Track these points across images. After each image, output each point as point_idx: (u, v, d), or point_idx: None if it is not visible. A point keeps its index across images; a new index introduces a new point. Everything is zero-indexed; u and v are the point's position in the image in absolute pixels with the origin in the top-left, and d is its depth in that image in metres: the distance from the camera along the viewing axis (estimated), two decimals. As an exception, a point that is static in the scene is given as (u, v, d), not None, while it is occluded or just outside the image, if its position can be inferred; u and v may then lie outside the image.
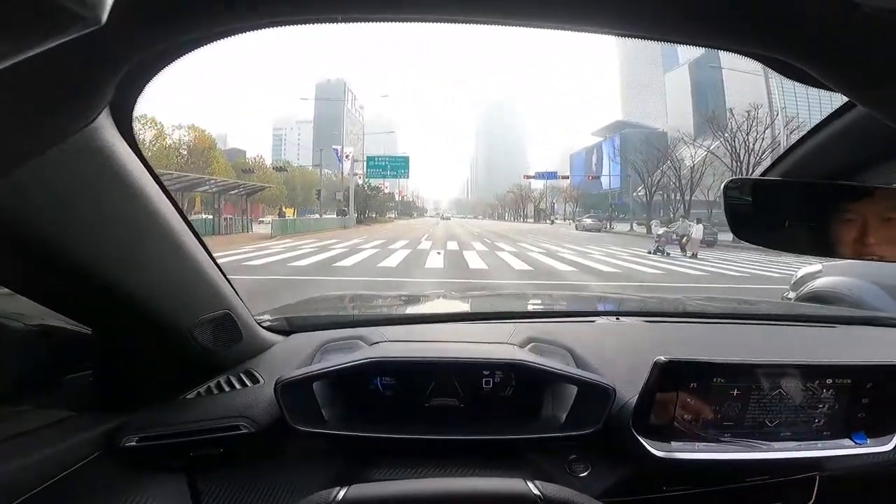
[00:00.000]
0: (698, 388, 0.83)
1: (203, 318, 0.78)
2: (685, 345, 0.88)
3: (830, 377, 0.85)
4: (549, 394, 0.92)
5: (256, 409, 0.80)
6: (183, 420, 0.77)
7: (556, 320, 1.28)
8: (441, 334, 1.09)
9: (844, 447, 0.85)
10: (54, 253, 0.53)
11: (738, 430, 0.84)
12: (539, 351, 0.96)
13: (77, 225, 0.53)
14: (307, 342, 1.00)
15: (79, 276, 0.58)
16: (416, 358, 0.91)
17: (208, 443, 0.75)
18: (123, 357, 0.78)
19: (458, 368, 0.92)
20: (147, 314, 0.68)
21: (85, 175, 0.50)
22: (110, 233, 0.58)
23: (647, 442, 0.81)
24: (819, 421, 0.86)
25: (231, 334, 0.85)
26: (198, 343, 0.78)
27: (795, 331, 1.26)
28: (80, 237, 0.55)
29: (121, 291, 0.63)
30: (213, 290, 0.79)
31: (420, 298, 1.81)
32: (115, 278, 0.61)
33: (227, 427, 0.77)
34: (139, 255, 0.63)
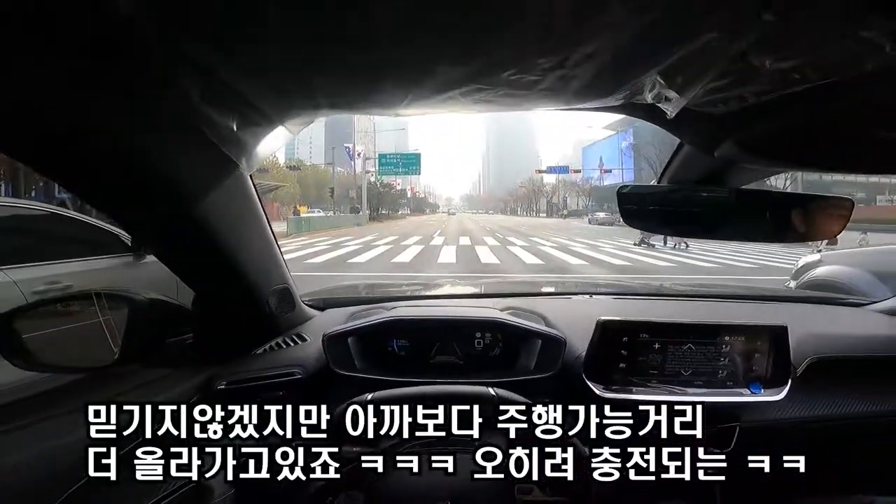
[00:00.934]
0: (629, 343, 1.05)
1: (274, 288, 1.04)
2: (636, 314, 1.09)
3: (727, 335, 1.05)
4: (524, 350, 1.15)
5: (307, 360, 1.05)
6: (255, 368, 1.01)
7: (539, 298, 1.55)
8: (444, 307, 1.36)
9: (743, 395, 1.05)
10: (207, 241, 0.80)
11: (661, 378, 1.05)
12: (516, 315, 1.19)
13: (223, 221, 0.80)
14: (340, 314, 1.27)
15: (211, 254, 0.84)
16: (425, 317, 1.18)
17: (272, 387, 0.99)
18: (212, 323, 1.01)
19: (454, 326, 1.18)
20: (245, 282, 0.95)
21: (232, 197, 0.78)
22: (235, 229, 0.85)
23: (594, 385, 1.03)
24: (722, 373, 1.06)
25: (288, 303, 1.11)
26: (269, 307, 1.03)
27: (739, 305, 1.50)
28: (222, 229, 0.81)
29: (235, 266, 0.90)
30: (279, 268, 1.05)
31: (428, 284, 2.12)
32: (233, 257, 0.87)
33: (286, 374, 1.01)
34: (247, 241, 0.90)
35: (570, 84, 0.50)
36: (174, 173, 0.67)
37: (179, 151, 0.66)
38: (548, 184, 79.84)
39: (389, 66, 0.50)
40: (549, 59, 0.46)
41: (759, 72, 0.47)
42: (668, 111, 0.53)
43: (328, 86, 0.54)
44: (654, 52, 0.46)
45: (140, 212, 0.73)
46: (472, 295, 1.67)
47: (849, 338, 1.28)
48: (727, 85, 0.50)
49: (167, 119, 0.59)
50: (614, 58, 0.46)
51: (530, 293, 1.70)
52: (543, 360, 1.10)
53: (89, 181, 0.64)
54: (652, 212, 0.85)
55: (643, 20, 0.41)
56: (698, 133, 0.71)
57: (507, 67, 0.48)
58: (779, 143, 0.65)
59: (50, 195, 10.43)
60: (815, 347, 1.17)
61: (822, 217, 0.82)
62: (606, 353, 1.05)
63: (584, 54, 0.45)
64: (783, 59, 0.45)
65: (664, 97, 0.51)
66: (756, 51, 0.45)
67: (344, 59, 0.49)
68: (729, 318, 1.10)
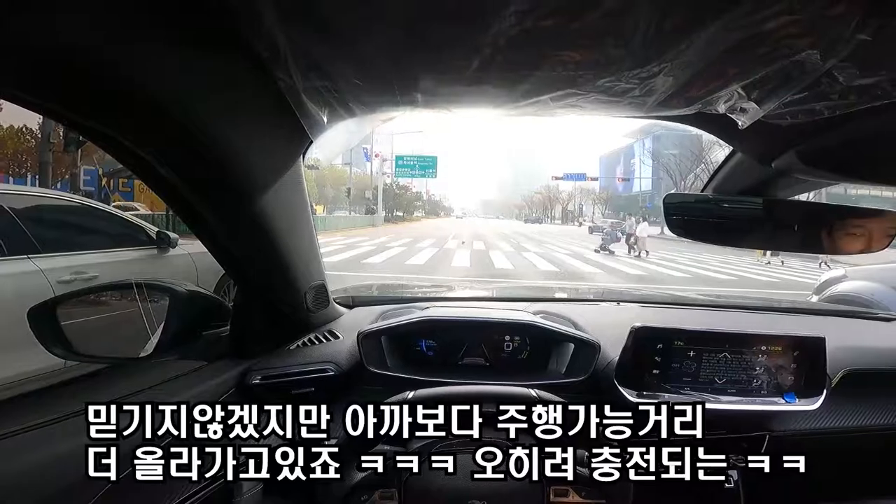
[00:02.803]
0: (664, 350, 1.04)
1: (312, 284, 1.05)
2: (666, 322, 1.08)
3: (764, 345, 1.04)
4: (555, 353, 1.15)
5: (339, 357, 1.05)
6: (288, 364, 1.01)
7: (566, 303, 1.54)
8: (474, 309, 1.35)
9: (777, 404, 1.04)
10: (262, 231, 0.82)
11: (695, 385, 1.04)
12: (548, 319, 1.18)
13: (281, 212, 0.82)
14: (370, 312, 1.27)
15: (263, 244, 0.85)
16: (458, 318, 1.18)
17: (304, 383, 0.99)
18: (250, 316, 1.02)
19: (485, 327, 1.17)
20: (288, 273, 0.96)
21: (288, 178, 0.79)
22: (287, 215, 0.86)
23: (625, 390, 1.02)
24: (757, 381, 1.05)
25: (323, 300, 1.12)
26: (306, 303, 1.05)
27: (766, 316, 1.49)
28: (278, 220, 0.83)
29: (282, 259, 0.91)
30: (318, 265, 1.06)
31: (453, 286, 2.12)
32: (282, 249, 0.88)
33: (319, 370, 1.01)
34: (296, 234, 0.91)
35: (656, 93, 0.51)
36: (251, 154, 0.68)
37: (262, 132, 0.67)
38: (563, 191, 79.41)
39: (496, 68, 0.50)
40: (646, 70, 0.47)
41: (841, 87, 0.47)
42: (741, 122, 0.53)
43: (430, 84, 0.55)
44: (744, 68, 0.47)
45: (205, 191, 0.73)
46: (500, 298, 1.69)
47: (881, 351, 1.27)
48: (804, 98, 0.50)
49: (261, 99, 0.61)
50: (704, 71, 0.47)
51: (558, 298, 1.71)
52: (575, 364, 1.09)
53: (164, 154, 0.64)
54: (698, 222, 0.84)
55: (739, 37, 0.42)
56: (759, 144, 0.71)
57: (604, 76, 0.49)
58: (841, 155, 0.65)
59: (76, 187, 10.65)
60: (848, 359, 1.17)
61: (869, 230, 0.82)
62: (640, 359, 1.04)
63: (677, 66, 0.46)
64: (867, 76, 0.45)
65: (739, 108, 0.51)
66: (843, 67, 0.45)
67: (453, 60, 0.50)
68: (759, 328, 1.09)
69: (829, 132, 0.59)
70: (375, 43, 0.48)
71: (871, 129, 0.57)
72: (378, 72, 0.54)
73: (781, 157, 0.69)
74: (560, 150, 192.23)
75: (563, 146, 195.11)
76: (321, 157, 0.83)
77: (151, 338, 0.95)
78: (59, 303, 0.98)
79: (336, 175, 53.43)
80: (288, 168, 0.77)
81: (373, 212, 37.44)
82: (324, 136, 0.72)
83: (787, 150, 0.67)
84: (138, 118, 0.56)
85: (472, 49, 0.46)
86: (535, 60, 0.48)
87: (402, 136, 49.66)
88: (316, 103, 0.59)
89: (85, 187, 10.82)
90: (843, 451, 1.18)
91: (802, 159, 0.66)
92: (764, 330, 1.09)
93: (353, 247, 13.96)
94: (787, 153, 0.67)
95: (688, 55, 0.44)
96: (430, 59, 0.50)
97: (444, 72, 0.52)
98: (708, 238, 0.85)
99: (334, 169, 52.92)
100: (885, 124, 0.55)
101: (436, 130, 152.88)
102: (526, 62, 0.49)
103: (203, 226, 0.84)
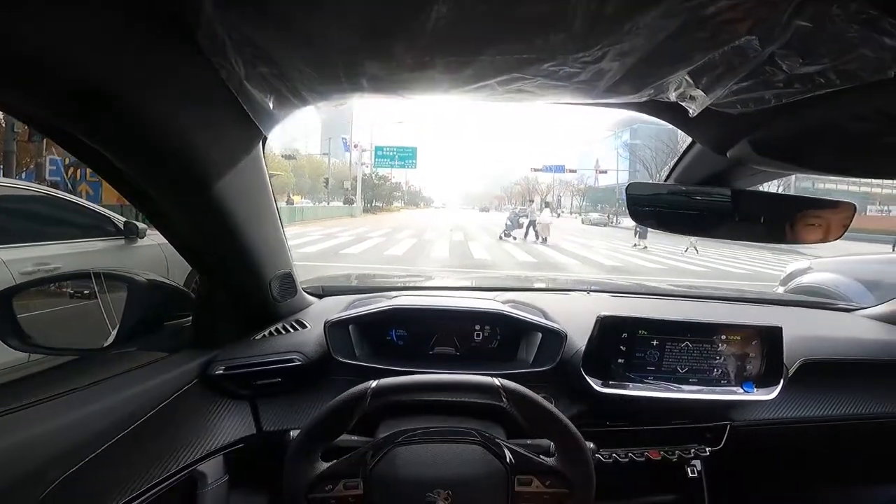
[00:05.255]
0: (628, 339, 1.06)
1: (277, 273, 1.03)
2: (634, 312, 1.10)
3: (723, 334, 1.07)
4: (524, 343, 1.16)
5: (306, 346, 1.04)
6: (253, 354, 1.00)
7: (537, 293, 1.56)
8: (443, 297, 1.35)
9: (736, 394, 1.07)
10: (221, 218, 0.80)
11: (658, 375, 1.07)
12: (517, 308, 1.19)
13: (239, 198, 0.80)
14: (339, 301, 1.26)
15: (223, 231, 0.83)
16: (426, 306, 1.17)
17: (270, 373, 0.98)
18: (213, 306, 1.00)
19: (454, 316, 1.17)
20: (251, 262, 0.94)
21: (246, 168, 0.78)
22: (247, 204, 0.84)
23: (592, 380, 1.04)
24: (718, 371, 1.08)
25: (289, 289, 1.10)
26: (270, 292, 1.03)
27: (733, 306, 1.52)
28: (237, 206, 0.81)
29: (243, 246, 0.89)
30: (284, 253, 1.04)
31: (429, 276, 2.12)
32: (240, 236, 0.86)
33: (285, 360, 1.00)
34: (257, 220, 0.89)
35: (603, 78, 0.52)
36: (202, 145, 0.66)
37: (211, 123, 0.66)
38: (542, 183, 79.93)
39: (438, 53, 0.50)
40: (590, 54, 0.48)
41: (784, 75, 0.48)
42: (691, 110, 0.55)
43: (375, 70, 0.54)
44: (686, 53, 0.48)
45: (160, 182, 0.72)
46: (471, 287, 1.68)
47: (839, 341, 1.30)
48: (751, 86, 0.51)
49: (205, 88, 0.59)
50: (649, 56, 0.48)
51: (529, 288, 1.72)
52: (543, 353, 1.10)
53: (113, 146, 0.63)
54: (658, 210, 0.86)
55: (679, 22, 0.42)
56: (713, 132, 0.73)
57: (549, 60, 0.49)
58: (792, 144, 0.67)
59: (41, 177, 10.28)
60: (806, 350, 1.20)
61: (825, 220, 0.84)
62: (605, 348, 1.06)
63: (621, 51, 0.47)
64: (809, 64, 0.47)
65: (689, 96, 0.52)
66: (784, 54, 0.46)
67: (395, 46, 0.49)
68: (724, 318, 1.12)
69: (779, 121, 0.61)
70: (317, 28, 0.48)
71: (819, 119, 0.59)
72: (322, 57, 0.53)
73: (735, 146, 0.70)
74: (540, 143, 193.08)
75: (543, 139, 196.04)
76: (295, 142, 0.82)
77: (111, 329, 0.93)
78: (13, 294, 0.95)
79: (314, 165, 52.72)
80: (243, 159, 0.76)
81: (351, 202, 37.11)
82: (282, 122, 0.71)
83: (741, 139, 0.68)
84: (87, 112, 0.55)
85: (414, 34, 0.46)
86: (477, 46, 0.49)
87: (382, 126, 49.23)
88: (262, 91, 0.58)
89: (51, 177, 10.44)
90: (799, 441, 1.22)
91: (755, 149, 0.68)
92: (723, 319, 1.11)
93: (331, 237, 13.84)
94: (741, 143, 0.69)
95: (630, 40, 0.45)
96: (372, 45, 0.50)
97: (387, 57, 0.51)
98: (668, 227, 0.86)
99: (312, 159, 52.14)
100: (830, 113, 0.56)
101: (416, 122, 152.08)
102: (467, 47, 0.49)
103: (161, 218, 0.83)
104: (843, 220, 0.83)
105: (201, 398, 0.94)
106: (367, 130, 45.63)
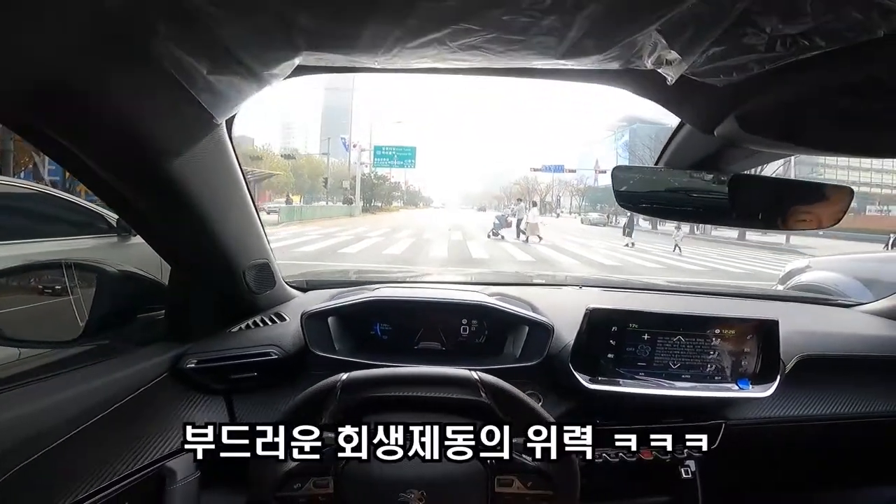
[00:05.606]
0: (618, 333, 1.02)
1: (252, 262, 0.99)
2: (625, 305, 1.06)
3: (718, 328, 1.03)
4: (511, 337, 1.12)
5: (284, 340, 1.01)
6: (228, 347, 0.97)
7: (527, 287, 1.52)
8: (428, 290, 1.31)
9: (731, 391, 1.03)
10: (180, 203, 0.76)
11: (650, 371, 1.03)
12: (504, 301, 1.16)
13: (197, 178, 0.76)
14: (322, 294, 1.22)
15: (185, 218, 0.80)
16: (408, 298, 1.14)
17: (246, 367, 0.95)
18: (186, 298, 0.97)
19: (436, 308, 1.14)
20: (221, 251, 0.90)
21: (209, 155, 0.74)
22: (213, 193, 0.81)
23: (580, 376, 1.00)
24: (711, 367, 1.04)
25: (268, 280, 1.07)
26: (245, 282, 0.99)
27: (729, 301, 1.49)
28: (197, 189, 0.77)
29: (210, 233, 0.85)
30: (259, 242, 1.00)
31: (416, 271, 2.08)
32: (208, 225, 0.83)
33: (261, 353, 0.97)
34: (223, 204, 0.85)
35: (565, 35, 0.48)
36: (142, 122, 0.63)
37: (161, 110, 0.62)
38: (542, 183, 79.81)
39: (374, 5, 0.47)
40: (544, 1, 0.44)
41: (765, 37, 0.45)
42: (669, 76, 0.51)
43: (309, 24, 0.50)
44: (654, 7, 0.44)
45: (121, 174, 0.69)
46: (458, 281, 1.65)
47: (837, 336, 1.27)
48: (730, 51, 0.47)
49: (130, 56, 0.54)
50: (611, 7, 0.44)
51: (518, 282, 1.69)
52: (529, 347, 1.07)
53: (74, 139, 0.62)
54: (646, 195, 0.82)
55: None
56: (699, 109, 0.69)
57: (499, 5, 0.45)
58: (780, 119, 0.63)
59: (39, 176, 10.27)
60: (804, 345, 1.17)
61: (821, 205, 0.80)
62: (594, 342, 1.02)
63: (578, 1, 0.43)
64: (790, 23, 0.43)
65: (664, 60, 0.49)
66: (761, 11, 0.43)
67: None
68: (716, 312, 1.08)
69: (766, 94, 0.57)
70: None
71: (807, 90, 0.55)
72: (253, 14, 0.50)
73: (723, 123, 0.67)
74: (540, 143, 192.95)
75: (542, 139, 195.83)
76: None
77: (80, 320, 0.90)
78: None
79: (313, 165, 52.66)
80: (197, 144, 0.72)
81: (350, 202, 37.05)
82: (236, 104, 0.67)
83: (727, 115, 0.65)
84: (42, 104, 0.54)
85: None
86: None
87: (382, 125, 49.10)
88: (190, 53, 0.54)
89: (50, 177, 10.46)
90: (796, 439, 1.19)
91: (743, 125, 0.64)
92: (717, 312, 1.08)
93: (330, 236, 13.80)
94: (728, 119, 0.65)
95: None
96: (305, 3, 0.47)
97: (320, 8, 0.48)
98: (656, 212, 0.83)
99: (311, 159, 52.12)
100: (819, 82, 0.53)
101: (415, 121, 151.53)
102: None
103: (128, 210, 0.80)
104: (840, 206, 0.80)
105: (172, 392, 0.91)
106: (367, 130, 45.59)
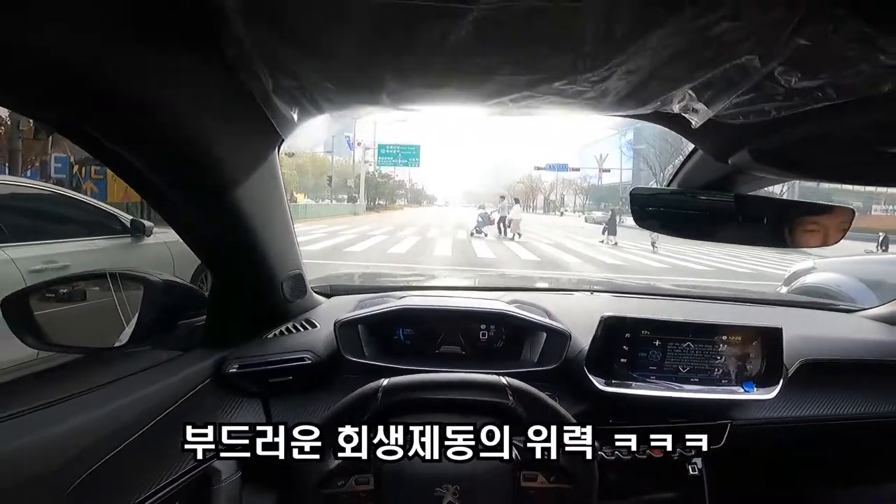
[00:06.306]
0: (631, 339, 1.08)
1: (289, 273, 1.05)
2: (638, 311, 1.11)
3: (724, 335, 1.09)
4: (528, 342, 1.18)
5: (317, 345, 1.06)
6: (266, 353, 1.02)
7: (541, 292, 1.59)
8: (450, 298, 1.37)
9: (737, 393, 1.08)
10: (237, 222, 0.83)
11: (660, 374, 1.09)
12: (522, 308, 1.21)
13: (255, 202, 0.83)
14: (348, 301, 1.28)
15: (238, 234, 0.86)
16: (434, 307, 1.20)
17: (282, 371, 1.00)
18: (226, 306, 1.02)
19: (460, 317, 1.20)
20: (265, 263, 0.96)
21: (262, 168, 0.80)
22: (261, 206, 0.86)
23: (595, 379, 1.06)
24: (718, 371, 1.10)
25: (300, 289, 1.12)
26: (282, 292, 1.05)
27: (734, 307, 1.54)
28: (253, 210, 0.83)
29: (257, 248, 0.91)
30: (295, 254, 1.06)
31: (433, 275, 2.15)
32: (253, 237, 0.89)
33: (297, 359, 1.02)
34: (271, 223, 0.92)
35: (610, 94, 0.54)
36: (221, 148, 0.69)
37: (231, 128, 0.68)
38: (545, 181, 79.80)
39: (454, 73, 0.53)
40: (597, 74, 0.50)
41: (784, 89, 0.50)
42: (694, 122, 0.57)
43: (395, 87, 0.57)
44: (690, 71, 0.50)
45: (178, 184, 0.74)
46: (476, 287, 1.71)
47: (839, 341, 1.32)
48: (752, 100, 0.53)
49: (228, 96, 0.62)
50: (654, 74, 0.50)
51: (533, 288, 1.75)
52: (547, 352, 1.12)
53: (142, 154, 0.66)
54: (661, 213, 0.88)
55: (684, 42, 0.45)
56: (715, 141, 0.75)
57: (559, 79, 0.52)
58: (791, 154, 0.69)
59: (46, 175, 10.34)
60: (806, 350, 1.21)
61: (824, 225, 0.85)
62: (608, 348, 1.08)
63: (627, 70, 0.49)
64: (808, 79, 0.49)
65: (692, 109, 0.55)
66: (784, 70, 0.48)
67: (413, 65, 0.52)
68: (725, 319, 1.14)
69: (779, 132, 0.63)
70: (340, 45, 0.50)
71: (817, 130, 0.61)
72: (344, 73, 0.55)
73: (736, 154, 0.72)
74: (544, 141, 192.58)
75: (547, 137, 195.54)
76: (301, 144, 0.85)
77: (126, 327, 0.95)
78: (31, 292, 0.98)
79: (317, 163, 52.71)
80: (261, 163, 0.79)
81: (355, 200, 37.17)
82: (300, 128, 0.73)
83: (741, 148, 0.70)
84: (110, 115, 0.57)
85: (432, 54, 0.48)
86: (493, 65, 0.51)
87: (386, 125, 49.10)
88: (286, 102, 0.61)
89: (56, 175, 10.51)
90: (799, 440, 1.24)
91: (755, 157, 0.70)
92: (724, 320, 1.13)
93: (335, 235, 13.86)
94: (741, 151, 0.71)
95: (636, 60, 0.47)
96: (393, 61, 0.52)
97: (407, 74, 0.54)
98: (671, 230, 0.88)
99: (316, 157, 52.16)
100: (828, 125, 0.59)
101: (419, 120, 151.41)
102: (484, 67, 0.51)
103: (178, 218, 0.85)
104: (841, 225, 0.85)
105: (215, 396, 0.96)
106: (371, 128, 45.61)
